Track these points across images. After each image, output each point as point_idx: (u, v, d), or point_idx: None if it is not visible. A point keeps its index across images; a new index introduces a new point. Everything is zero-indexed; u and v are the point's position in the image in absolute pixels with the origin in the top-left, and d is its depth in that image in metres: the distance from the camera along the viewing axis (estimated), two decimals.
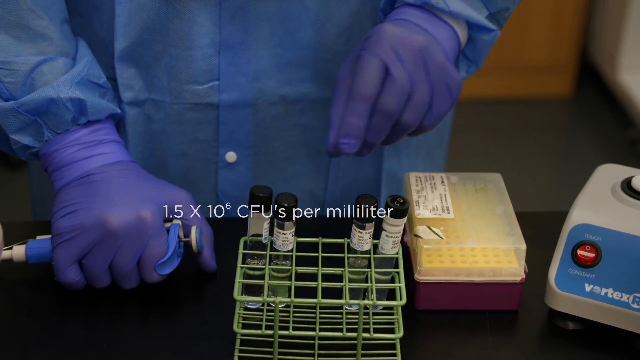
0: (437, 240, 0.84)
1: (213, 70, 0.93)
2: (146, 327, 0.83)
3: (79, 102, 0.87)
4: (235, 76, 0.93)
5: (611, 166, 0.89)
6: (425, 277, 0.84)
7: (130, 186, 0.86)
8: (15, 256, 0.87)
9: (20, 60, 0.85)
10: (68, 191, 0.86)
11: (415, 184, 0.91)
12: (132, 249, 0.83)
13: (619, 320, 0.81)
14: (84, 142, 0.88)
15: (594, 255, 0.82)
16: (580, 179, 1.04)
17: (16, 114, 0.86)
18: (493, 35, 0.90)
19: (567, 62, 2.99)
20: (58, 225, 0.84)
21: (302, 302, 0.76)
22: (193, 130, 0.96)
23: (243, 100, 0.94)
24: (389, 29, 0.82)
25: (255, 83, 0.94)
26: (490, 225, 0.87)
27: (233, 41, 0.91)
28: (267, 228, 0.81)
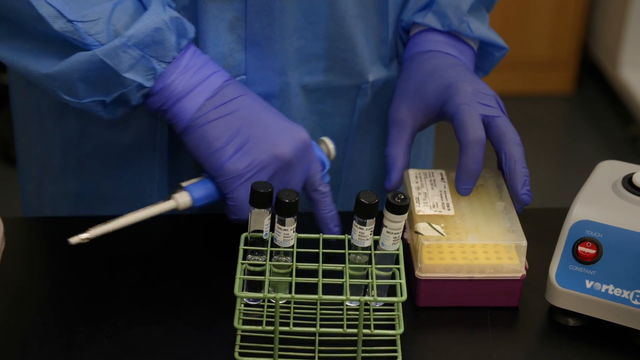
0: (438, 237, 0.84)
1: (240, 66, 0.93)
2: (147, 322, 0.83)
3: (176, 21, 0.85)
4: (262, 70, 0.94)
5: (612, 162, 0.89)
6: (426, 274, 0.84)
7: (271, 110, 0.88)
8: (181, 204, 0.86)
9: (97, 9, 0.83)
10: (213, 125, 0.85)
11: (415, 180, 0.91)
12: (301, 172, 0.87)
13: (620, 317, 0.81)
14: (194, 66, 0.87)
15: (594, 251, 0.82)
16: (581, 175, 1.04)
17: (126, 49, 0.83)
18: (503, 53, 1.00)
19: (568, 58, 2.99)
20: (234, 167, 0.85)
21: (303, 298, 0.76)
22: None
23: (269, 93, 0.95)
24: (467, 87, 0.90)
25: (280, 76, 0.95)
26: (490, 221, 0.87)
27: (259, 37, 0.92)
28: (267, 224, 0.81)
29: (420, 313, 0.85)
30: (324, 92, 0.98)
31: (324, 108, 0.99)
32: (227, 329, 0.80)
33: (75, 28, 0.82)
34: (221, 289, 0.85)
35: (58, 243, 0.96)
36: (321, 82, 0.97)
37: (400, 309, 0.79)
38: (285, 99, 0.96)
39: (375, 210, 0.78)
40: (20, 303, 0.85)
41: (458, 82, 0.91)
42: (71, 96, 0.85)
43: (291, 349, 0.78)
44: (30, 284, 0.88)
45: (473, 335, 0.83)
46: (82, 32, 0.82)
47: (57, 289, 0.87)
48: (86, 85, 0.85)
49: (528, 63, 2.95)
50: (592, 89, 3.06)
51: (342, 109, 1.00)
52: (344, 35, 0.95)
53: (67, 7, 0.82)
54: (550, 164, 2.75)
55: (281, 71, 0.94)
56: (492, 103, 0.90)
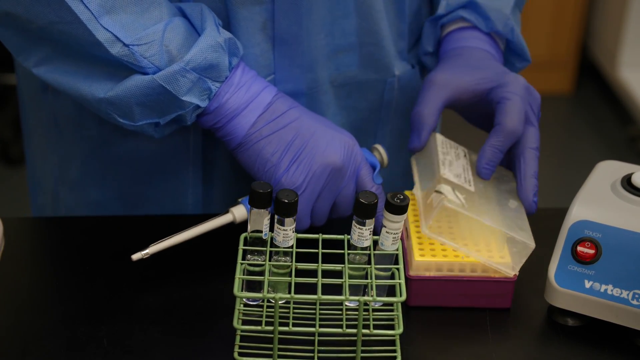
0: (460, 205, 0.84)
1: (270, 65, 0.94)
2: (146, 322, 0.83)
3: (229, 41, 0.87)
4: (290, 68, 0.95)
5: (611, 163, 0.89)
6: (417, 272, 0.84)
7: (318, 119, 0.90)
8: (237, 217, 0.89)
9: (149, 31, 0.84)
10: (268, 140, 0.87)
11: (442, 146, 0.91)
12: (353, 177, 0.88)
13: (619, 317, 0.81)
14: (245, 82, 0.88)
15: (593, 251, 0.82)
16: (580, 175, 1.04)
17: (184, 74, 0.84)
18: (524, 65, 1.05)
19: (567, 58, 2.99)
20: (291, 181, 0.86)
21: (302, 298, 0.76)
22: None
23: (298, 91, 0.96)
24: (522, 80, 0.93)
25: (308, 73, 0.96)
26: (504, 211, 0.87)
27: (287, 35, 0.93)
28: (267, 224, 0.81)
29: (420, 313, 0.85)
30: (352, 87, 1.00)
31: (352, 103, 1.00)
32: (227, 329, 0.80)
33: (131, 52, 0.83)
34: (220, 289, 0.85)
35: (57, 243, 0.96)
36: (349, 77, 0.99)
37: (399, 309, 0.79)
38: (313, 96, 0.97)
39: (374, 211, 0.78)
40: (20, 303, 0.85)
41: (514, 73, 0.93)
42: (127, 119, 0.87)
43: (290, 349, 0.78)
44: (30, 284, 0.87)
45: (472, 335, 0.83)
46: (138, 56, 0.83)
47: (56, 289, 0.87)
48: (142, 108, 0.86)
49: None
50: (591, 89, 3.06)
51: (370, 104, 1.01)
52: (370, 30, 0.96)
53: (123, 32, 0.83)
54: (550, 164, 2.75)
55: (309, 68, 0.95)
56: (535, 107, 0.92)
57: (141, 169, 0.99)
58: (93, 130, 0.99)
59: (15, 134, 2.62)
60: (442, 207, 0.83)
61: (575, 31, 2.96)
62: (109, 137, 0.98)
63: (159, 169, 0.99)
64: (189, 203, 1.00)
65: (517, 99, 0.90)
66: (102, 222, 0.98)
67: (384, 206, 0.79)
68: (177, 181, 0.99)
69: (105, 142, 0.99)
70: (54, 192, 1.05)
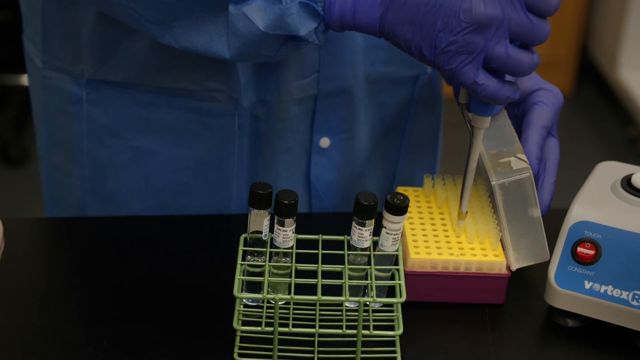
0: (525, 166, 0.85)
1: (314, 63, 0.95)
2: (146, 323, 0.83)
3: None
4: (334, 66, 0.96)
5: (611, 163, 0.89)
6: (412, 269, 0.84)
7: None
8: None
9: None
10: None
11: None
12: None
13: (619, 318, 0.81)
14: None
15: (593, 252, 0.82)
16: (579, 176, 1.04)
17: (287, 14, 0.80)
18: None
19: (567, 59, 2.99)
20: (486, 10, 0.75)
21: (302, 299, 0.76)
22: (296, 123, 0.98)
23: (341, 88, 0.97)
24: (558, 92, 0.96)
25: (350, 70, 0.96)
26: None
27: (332, 33, 0.92)
28: (267, 225, 0.81)
29: (420, 313, 0.85)
30: (385, 84, 1.00)
31: (383, 100, 1.01)
32: (227, 329, 0.80)
33: None
34: (220, 290, 0.85)
35: (57, 244, 0.96)
36: (383, 73, 0.99)
37: (399, 310, 0.79)
38: (354, 93, 0.98)
39: (374, 211, 0.78)
40: (20, 304, 0.85)
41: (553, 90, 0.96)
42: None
43: (290, 349, 0.78)
44: (30, 285, 0.87)
45: (472, 336, 0.83)
46: None
47: (56, 289, 0.87)
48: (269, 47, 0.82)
49: None
50: (591, 90, 3.06)
51: (400, 100, 1.01)
52: None
53: None
54: None
55: (352, 65, 0.96)
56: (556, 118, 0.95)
57: (182, 180, 0.99)
58: (134, 140, 0.97)
59: (15, 134, 2.62)
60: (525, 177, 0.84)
61: (575, 32, 2.96)
62: (150, 147, 0.97)
63: (201, 180, 0.98)
64: (232, 213, 1.00)
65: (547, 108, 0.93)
66: (103, 223, 0.98)
67: (384, 207, 0.79)
68: (220, 191, 0.99)
69: (147, 151, 0.98)
70: (81, 207, 1.03)
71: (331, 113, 0.98)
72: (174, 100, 0.95)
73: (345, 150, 1.01)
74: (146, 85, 0.95)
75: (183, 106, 0.95)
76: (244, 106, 0.95)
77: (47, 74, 0.99)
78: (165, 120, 0.96)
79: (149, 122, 0.96)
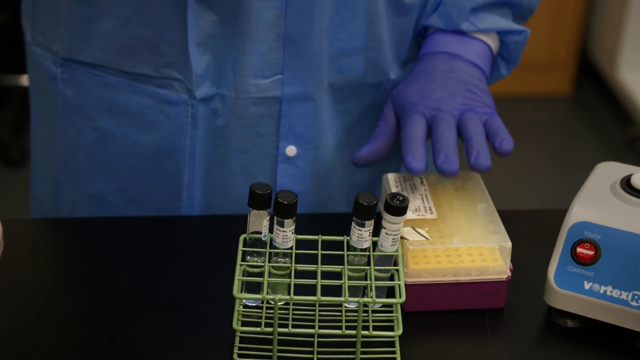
0: (423, 241, 0.84)
1: (277, 64, 0.94)
2: (145, 324, 0.83)
3: None
4: (299, 69, 0.94)
5: (610, 164, 0.89)
6: (412, 278, 0.83)
7: None
8: None
9: None
10: None
11: (395, 184, 0.91)
12: None
13: (618, 318, 0.81)
14: None
15: (593, 253, 0.82)
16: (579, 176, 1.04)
17: None
18: (524, 36, 1.00)
19: (567, 59, 2.99)
20: None
21: (302, 299, 0.76)
22: (255, 124, 0.97)
23: (305, 94, 0.96)
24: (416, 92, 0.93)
25: (316, 75, 0.95)
26: (473, 223, 0.86)
27: (297, 34, 0.92)
28: (266, 225, 0.81)
29: (419, 314, 0.85)
30: (350, 91, 0.99)
31: (347, 107, 1.00)
32: (226, 330, 0.80)
33: None
34: (220, 291, 0.85)
35: (57, 245, 0.96)
36: (349, 80, 0.98)
37: (399, 310, 0.79)
38: (319, 100, 0.97)
39: (374, 212, 0.78)
40: (19, 304, 0.85)
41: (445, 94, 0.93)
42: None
43: (290, 350, 0.78)
44: (29, 285, 0.87)
45: (471, 337, 0.83)
46: None
47: (55, 290, 0.87)
48: None
49: (527, 64, 2.94)
50: (591, 90, 3.06)
51: (363, 107, 1.01)
52: (374, 33, 0.96)
53: None
54: (549, 165, 2.75)
55: (317, 70, 0.95)
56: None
57: (140, 165, 0.99)
58: (99, 122, 0.99)
59: (15, 134, 2.62)
60: (407, 251, 0.83)
61: (575, 32, 2.96)
62: (113, 130, 0.98)
63: (157, 166, 0.99)
64: (182, 205, 1.00)
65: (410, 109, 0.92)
66: (102, 223, 0.98)
67: (383, 207, 0.79)
68: (172, 181, 0.99)
69: (109, 134, 0.99)
70: (56, 184, 1.05)
71: (297, 120, 0.97)
72: (135, 85, 0.96)
73: (312, 159, 0.99)
74: (112, 69, 0.96)
75: (143, 92, 0.96)
76: (197, 97, 0.95)
77: (34, 50, 1.02)
78: (127, 105, 0.97)
79: (113, 105, 0.98)
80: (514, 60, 1.02)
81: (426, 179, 0.91)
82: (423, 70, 0.96)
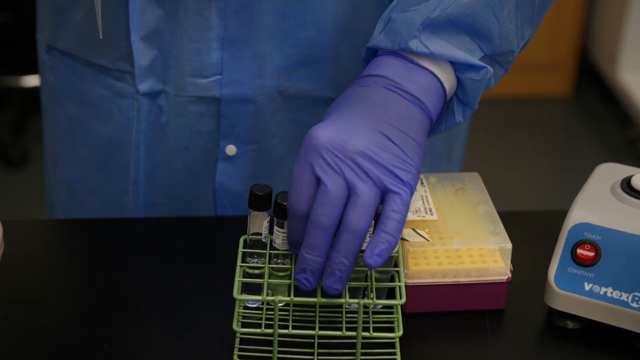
0: (423, 243, 0.84)
1: (217, 64, 0.93)
2: (146, 325, 0.83)
3: None
4: (238, 71, 0.93)
5: (611, 165, 0.89)
6: (412, 280, 0.83)
7: None
8: None
9: None
10: None
11: None
12: None
13: (619, 320, 0.81)
14: None
15: (593, 254, 0.82)
16: (579, 177, 1.04)
17: None
18: (483, 74, 0.81)
19: (567, 60, 3.00)
20: None
21: (302, 301, 0.76)
22: (195, 123, 0.96)
23: (244, 96, 0.94)
24: (319, 134, 0.75)
25: (257, 79, 0.94)
26: (473, 225, 0.86)
27: (236, 36, 0.92)
28: (266, 227, 0.81)
29: (420, 317, 0.84)
30: (304, 102, 0.96)
31: (304, 119, 0.97)
32: (226, 331, 0.80)
33: None
34: (220, 292, 0.85)
35: (57, 246, 0.96)
36: (301, 90, 0.95)
37: (399, 312, 0.79)
38: (259, 104, 0.95)
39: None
40: (19, 305, 0.85)
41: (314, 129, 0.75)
42: None
43: (290, 351, 0.78)
44: (29, 287, 0.87)
45: (472, 338, 0.83)
46: None
47: (55, 291, 0.87)
48: None
49: (527, 65, 2.96)
50: (591, 92, 3.06)
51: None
52: (326, 45, 0.93)
53: None
54: (549, 166, 2.75)
55: (257, 73, 0.93)
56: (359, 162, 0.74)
57: (98, 155, 1.01)
58: (70, 110, 1.01)
59: (15, 135, 2.62)
60: (408, 252, 0.83)
61: (575, 33, 2.96)
62: (78, 118, 1.00)
63: (109, 157, 1.00)
64: (129, 200, 1.00)
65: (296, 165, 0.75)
66: (102, 224, 0.98)
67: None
68: (121, 175, 1.00)
69: (76, 122, 1.01)
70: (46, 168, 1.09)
71: (236, 120, 0.96)
72: (97, 76, 0.98)
73: (252, 161, 0.98)
74: (80, 58, 0.98)
75: (103, 83, 0.97)
76: (141, 91, 0.95)
77: (37, 37, 1.06)
78: (90, 95, 0.99)
79: (81, 94, 1.00)
80: (471, 105, 0.83)
81: (426, 180, 0.91)
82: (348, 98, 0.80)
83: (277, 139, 0.98)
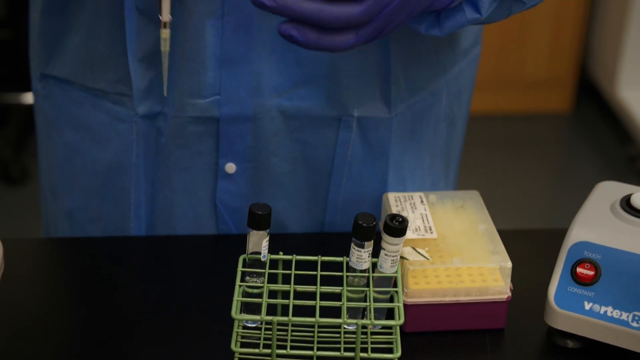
0: (423, 261, 0.84)
1: (215, 84, 0.93)
2: (144, 344, 0.82)
3: None
4: (236, 90, 0.93)
5: (610, 183, 0.89)
6: (412, 299, 0.83)
7: None
8: None
9: None
10: None
11: (395, 204, 0.91)
12: None
13: (619, 339, 0.81)
14: None
15: (593, 273, 0.81)
16: (579, 194, 1.04)
17: None
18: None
19: (566, 77, 3.00)
20: None
21: (300, 321, 0.76)
22: (195, 143, 0.96)
23: (243, 115, 0.94)
24: None
25: (256, 98, 0.93)
26: (473, 243, 0.86)
27: (235, 55, 0.91)
28: (265, 246, 0.80)
29: (419, 336, 0.84)
30: (306, 121, 0.96)
31: (306, 138, 0.96)
32: (225, 351, 0.79)
33: None
34: (219, 311, 0.85)
35: (57, 264, 0.96)
36: (302, 110, 0.95)
37: (397, 332, 0.79)
38: (259, 123, 0.94)
39: (373, 233, 0.78)
40: (19, 324, 0.85)
41: None
42: None
43: None
44: (29, 306, 0.87)
45: (472, 358, 0.83)
46: None
47: (55, 310, 0.87)
48: None
49: (526, 82, 2.96)
50: (591, 108, 3.06)
51: (325, 140, 0.97)
52: (327, 64, 0.93)
53: None
54: (549, 183, 2.75)
55: (256, 92, 0.93)
56: None
57: (97, 183, 1.00)
58: (68, 137, 1.00)
59: (15, 153, 2.62)
60: (408, 271, 0.83)
61: (574, 50, 2.97)
62: (77, 145, 1.00)
63: (109, 183, 0.99)
64: (131, 226, 1.00)
65: None
66: (101, 243, 0.98)
67: (383, 229, 0.79)
68: (122, 200, 0.99)
69: (75, 150, 1.00)
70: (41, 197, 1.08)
71: (236, 138, 0.95)
72: (95, 101, 0.97)
73: (252, 179, 0.98)
74: (77, 84, 0.97)
75: (101, 108, 0.97)
76: (139, 113, 0.95)
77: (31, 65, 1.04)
78: (88, 121, 0.98)
79: (78, 121, 0.99)
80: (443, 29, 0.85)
81: (426, 199, 0.91)
82: None
83: (278, 157, 0.97)
